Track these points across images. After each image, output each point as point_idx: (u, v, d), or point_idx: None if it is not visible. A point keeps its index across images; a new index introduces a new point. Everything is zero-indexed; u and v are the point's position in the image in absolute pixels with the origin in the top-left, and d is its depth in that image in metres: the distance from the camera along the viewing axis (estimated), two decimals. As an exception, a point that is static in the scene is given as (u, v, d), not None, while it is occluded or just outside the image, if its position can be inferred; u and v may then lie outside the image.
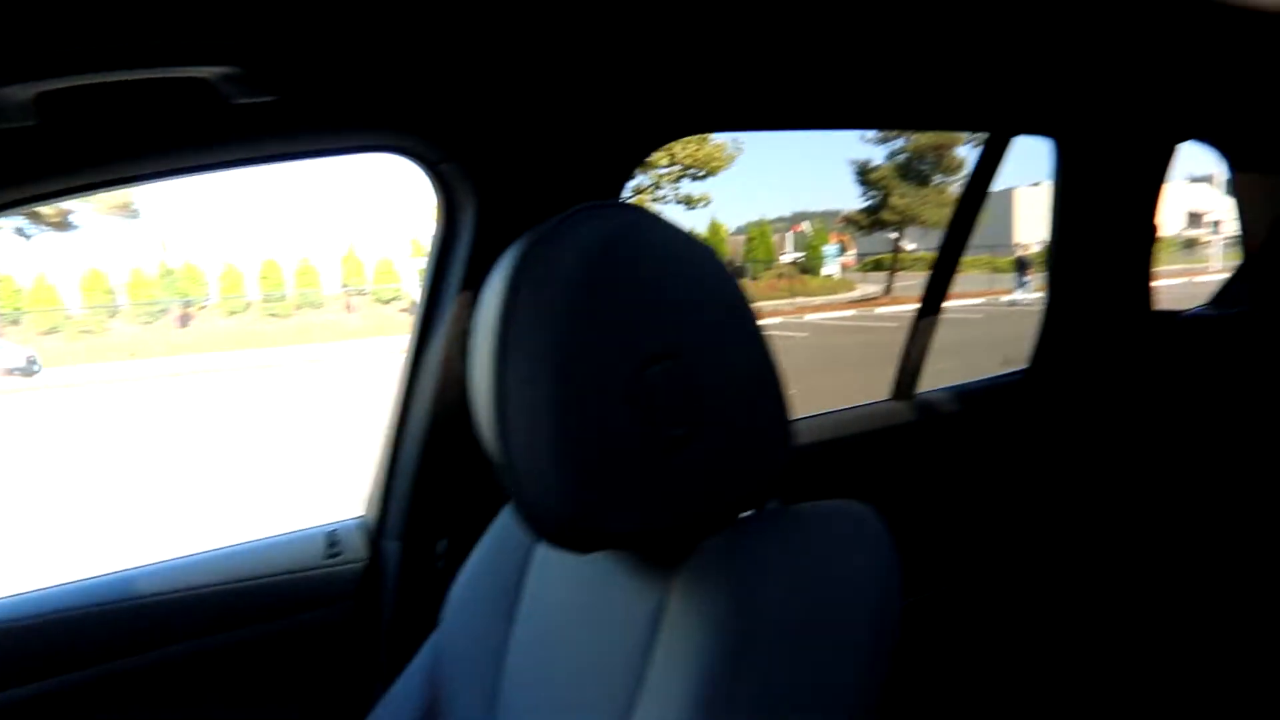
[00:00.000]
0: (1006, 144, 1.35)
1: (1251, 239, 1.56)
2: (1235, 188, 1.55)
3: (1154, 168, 1.42)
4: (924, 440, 1.43)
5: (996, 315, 13.00)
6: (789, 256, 24.13)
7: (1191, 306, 1.65)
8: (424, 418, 1.01)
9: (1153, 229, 1.49)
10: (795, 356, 11.33)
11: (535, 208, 0.88)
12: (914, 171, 19.75)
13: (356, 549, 1.07)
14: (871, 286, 20.62)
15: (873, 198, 20.41)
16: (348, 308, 18.33)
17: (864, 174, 20.39)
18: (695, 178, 16.60)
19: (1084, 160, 1.39)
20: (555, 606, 0.62)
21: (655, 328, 0.47)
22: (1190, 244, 21.45)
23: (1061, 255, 1.48)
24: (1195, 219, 22.07)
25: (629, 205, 0.55)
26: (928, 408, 1.47)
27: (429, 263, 1.01)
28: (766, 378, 0.51)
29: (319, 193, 17.26)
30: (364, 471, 1.14)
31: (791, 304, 19.50)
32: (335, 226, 18.23)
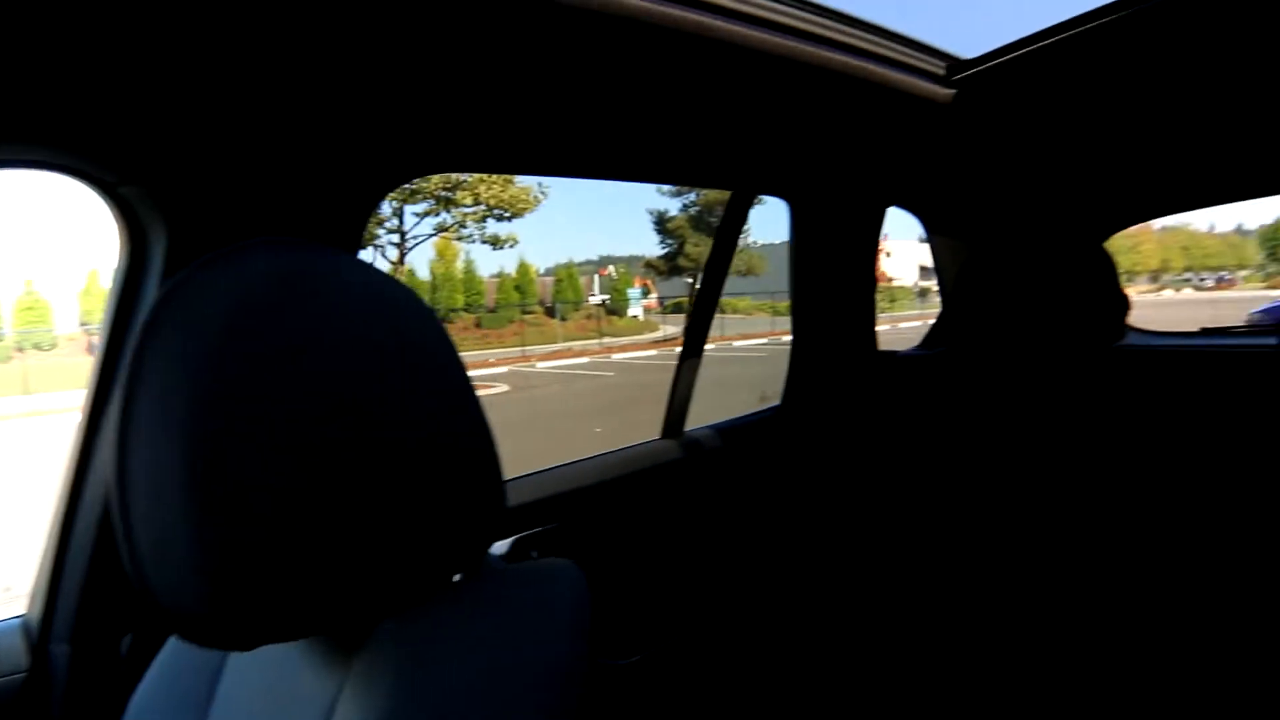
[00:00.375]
0: (750, 201, 1.49)
1: (945, 290, 1.87)
2: (932, 247, 1.84)
3: (869, 228, 1.64)
4: (692, 475, 1.49)
5: (779, 352, 14.37)
6: (596, 298, 24.85)
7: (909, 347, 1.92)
8: (102, 490, 0.84)
9: (873, 280, 1.72)
10: (605, 395, 11.64)
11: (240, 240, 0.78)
12: (704, 223, 21.55)
13: (14, 658, 0.85)
14: (673, 327, 21.88)
15: (670, 245, 21.91)
16: (89, 349, 15.44)
17: (662, 223, 21.86)
18: (501, 218, 16.55)
19: (813, 220, 1.57)
20: (247, 702, 0.52)
21: (331, 381, 0.41)
22: (924, 293, 25.78)
23: (800, 303, 1.65)
24: (926, 272, 26.50)
25: (311, 243, 0.49)
26: (695, 445, 1.53)
27: (109, 303, 0.85)
28: (471, 435, 0.47)
29: (48, 211, 14.48)
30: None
31: (600, 344, 20.02)
32: (74, 252, 15.38)
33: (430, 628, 0.44)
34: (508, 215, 16.54)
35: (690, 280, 21.96)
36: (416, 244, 17.76)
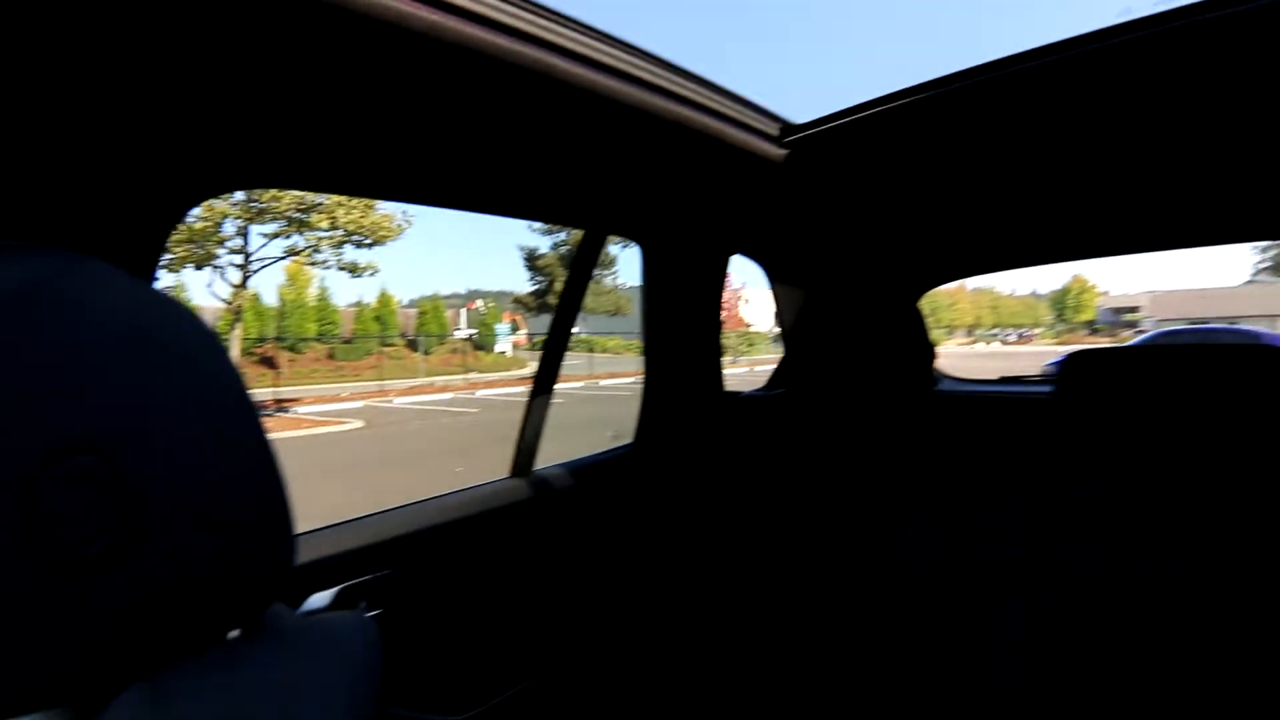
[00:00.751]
0: (602, 241, 1.51)
1: (786, 336, 1.99)
2: (774, 295, 1.97)
3: (715, 273, 1.73)
4: (542, 514, 1.46)
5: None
6: (463, 332, 24.17)
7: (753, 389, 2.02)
8: None
9: (719, 324, 1.80)
10: (468, 433, 11.25)
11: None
12: (575, 261, 21.84)
13: None
14: (541, 364, 21.68)
15: (540, 282, 21.90)
16: None
17: (532, 260, 21.85)
18: (361, 244, 15.70)
19: (662, 263, 1.63)
20: None
21: (69, 412, 0.35)
22: (779, 338, 27.72)
23: (650, 344, 1.69)
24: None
25: (60, 252, 0.42)
26: (544, 483, 1.51)
27: None
28: (251, 476, 0.42)
29: None
30: None
31: (464, 379, 19.41)
32: None
33: (183, 692, 0.38)
34: (368, 242, 15.72)
35: (560, 318, 22.08)
36: (264, 266, 16.36)
